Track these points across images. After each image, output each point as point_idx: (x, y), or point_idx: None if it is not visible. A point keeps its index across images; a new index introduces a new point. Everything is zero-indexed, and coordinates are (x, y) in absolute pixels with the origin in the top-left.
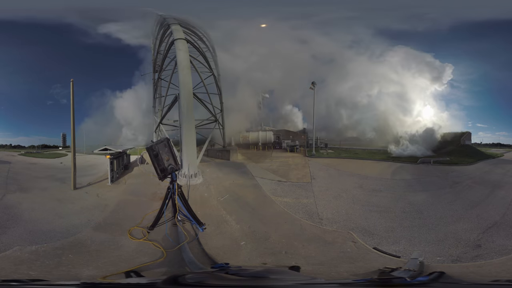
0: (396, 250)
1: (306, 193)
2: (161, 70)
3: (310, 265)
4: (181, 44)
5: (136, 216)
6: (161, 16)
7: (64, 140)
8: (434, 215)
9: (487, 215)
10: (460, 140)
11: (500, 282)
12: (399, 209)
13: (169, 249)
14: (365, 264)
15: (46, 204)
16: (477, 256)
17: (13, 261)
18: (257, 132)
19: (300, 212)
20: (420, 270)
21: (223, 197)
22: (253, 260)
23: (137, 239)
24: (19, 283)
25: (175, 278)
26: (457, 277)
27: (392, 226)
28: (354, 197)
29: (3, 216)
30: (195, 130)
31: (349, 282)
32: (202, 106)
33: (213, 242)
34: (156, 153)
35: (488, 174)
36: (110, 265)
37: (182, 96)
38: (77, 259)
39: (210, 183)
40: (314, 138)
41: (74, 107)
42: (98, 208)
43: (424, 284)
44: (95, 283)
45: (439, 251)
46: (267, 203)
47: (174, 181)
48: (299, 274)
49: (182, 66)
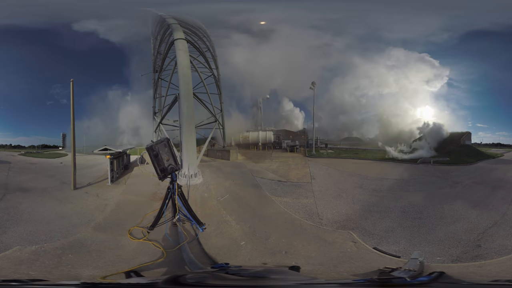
0: (396, 250)
1: (306, 193)
2: (161, 70)
3: (310, 265)
4: (181, 44)
5: (136, 216)
6: (161, 16)
7: (64, 140)
8: (434, 215)
9: (487, 215)
10: (460, 140)
11: (500, 282)
12: (399, 209)
13: (169, 249)
14: (365, 264)
15: (46, 204)
16: (477, 256)
17: (13, 261)
18: (257, 132)
19: (300, 212)
20: (420, 270)
21: (223, 197)
22: (253, 260)
23: (137, 239)
24: (19, 283)
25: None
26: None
27: (392, 226)
28: (354, 197)
29: (3, 216)
30: (195, 130)
31: (349, 282)
32: (202, 106)
33: (213, 242)
34: (156, 153)
35: (488, 174)
36: (110, 265)
37: (182, 96)
38: (77, 259)
39: (210, 183)
40: (314, 138)
41: (74, 107)
42: (98, 208)
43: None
44: (95, 283)
45: (439, 251)
46: (267, 203)
47: (174, 181)
48: (299, 274)
49: (182, 66)
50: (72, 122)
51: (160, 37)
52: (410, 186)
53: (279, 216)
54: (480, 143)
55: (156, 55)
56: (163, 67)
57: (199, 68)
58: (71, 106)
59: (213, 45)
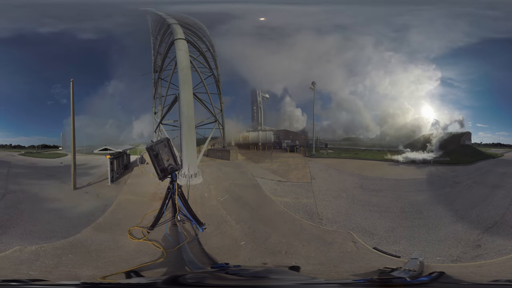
0: (396, 250)
1: (306, 193)
2: (161, 70)
3: (310, 265)
4: (181, 44)
5: (136, 216)
6: (161, 16)
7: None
8: (434, 215)
9: (487, 215)
10: (460, 140)
11: (500, 282)
12: (399, 209)
13: (169, 249)
14: (365, 264)
15: (46, 204)
16: (477, 256)
17: (13, 261)
18: (257, 132)
19: (300, 212)
20: (420, 270)
21: (223, 197)
22: (253, 260)
23: (137, 239)
24: (19, 283)
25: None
26: (457, 277)
27: (392, 226)
28: (354, 197)
29: (3, 216)
30: (195, 130)
31: (349, 282)
32: (202, 106)
33: (213, 242)
34: (156, 153)
35: (488, 174)
36: (110, 265)
37: (182, 96)
38: (77, 259)
39: (210, 183)
40: (314, 138)
41: (74, 107)
42: (98, 208)
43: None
44: (95, 283)
45: (439, 251)
46: (267, 203)
47: (174, 181)
48: (299, 274)
49: (182, 66)
50: (72, 122)
51: (160, 37)
52: (410, 186)
53: (279, 216)
54: (480, 143)
55: (156, 55)
56: (163, 67)
57: (199, 68)
58: (71, 106)
59: (213, 45)
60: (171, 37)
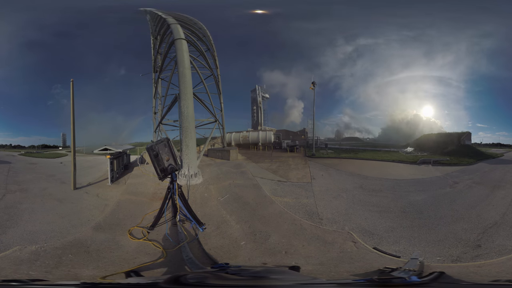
0: (396, 250)
1: (306, 193)
2: (161, 70)
3: (310, 265)
4: (181, 44)
5: (136, 216)
6: (161, 16)
7: (64, 140)
8: (434, 215)
9: (487, 215)
10: (460, 140)
11: (500, 282)
12: (399, 209)
13: (169, 249)
14: (365, 264)
15: (46, 204)
16: (477, 256)
17: (13, 261)
18: (257, 132)
19: (300, 212)
20: (420, 270)
21: (223, 197)
22: (253, 260)
23: (137, 239)
24: (19, 283)
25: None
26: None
27: (392, 226)
28: (354, 197)
29: (3, 216)
30: (195, 130)
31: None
32: (202, 106)
33: (213, 242)
34: (156, 153)
35: (488, 174)
36: (110, 265)
37: (182, 96)
38: (77, 259)
39: (210, 183)
40: (314, 138)
41: (74, 107)
42: (98, 208)
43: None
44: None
45: (439, 251)
46: (267, 203)
47: (174, 181)
48: (299, 274)
49: (182, 66)
50: (72, 122)
51: (160, 37)
52: (410, 186)
53: (279, 216)
54: (480, 143)
55: (156, 55)
56: (163, 67)
57: (199, 68)
58: (71, 106)
59: (213, 45)
60: (171, 37)
